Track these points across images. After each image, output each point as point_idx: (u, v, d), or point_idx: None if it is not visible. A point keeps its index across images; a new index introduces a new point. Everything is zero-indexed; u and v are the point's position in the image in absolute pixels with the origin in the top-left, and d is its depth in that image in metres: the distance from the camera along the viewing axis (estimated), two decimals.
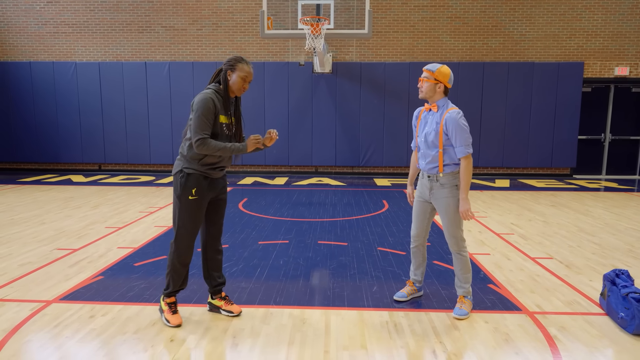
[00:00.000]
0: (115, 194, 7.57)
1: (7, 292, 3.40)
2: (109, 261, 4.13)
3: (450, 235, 3.05)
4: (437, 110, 3.00)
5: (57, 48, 10.20)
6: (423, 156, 3.07)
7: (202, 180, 2.79)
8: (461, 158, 2.93)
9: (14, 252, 4.39)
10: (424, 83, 2.99)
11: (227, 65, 2.80)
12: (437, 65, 2.97)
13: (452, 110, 2.96)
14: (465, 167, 2.92)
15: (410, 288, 3.30)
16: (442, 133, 2.94)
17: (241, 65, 2.79)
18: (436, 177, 3.01)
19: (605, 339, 2.74)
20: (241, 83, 2.80)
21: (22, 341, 2.67)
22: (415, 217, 3.21)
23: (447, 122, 2.92)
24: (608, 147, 10.24)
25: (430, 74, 2.96)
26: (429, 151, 3.02)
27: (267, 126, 9.99)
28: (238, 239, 4.91)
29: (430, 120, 3.03)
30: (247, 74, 2.80)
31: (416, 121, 3.16)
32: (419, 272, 3.29)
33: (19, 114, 10.20)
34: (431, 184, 3.04)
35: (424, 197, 3.13)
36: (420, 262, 3.28)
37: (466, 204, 2.93)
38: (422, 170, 3.11)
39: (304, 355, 2.54)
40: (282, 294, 3.41)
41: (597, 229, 5.45)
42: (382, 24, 9.85)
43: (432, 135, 2.99)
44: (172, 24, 10.03)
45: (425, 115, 3.09)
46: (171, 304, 2.92)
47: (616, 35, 9.77)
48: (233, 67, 2.79)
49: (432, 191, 3.05)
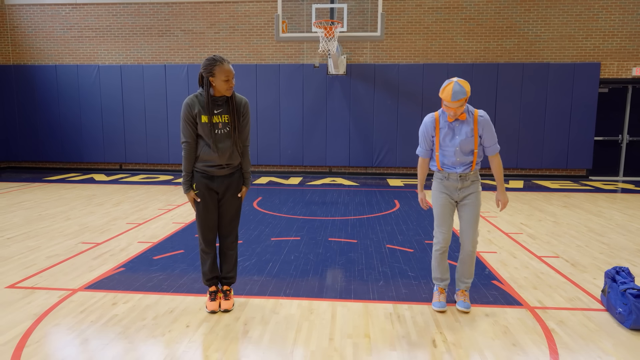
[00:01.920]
0: (135, 192, 7.87)
1: (36, 280, 3.66)
2: (130, 254, 4.36)
3: (475, 230, 3.08)
4: (465, 118, 3.00)
5: (81, 52, 10.60)
6: (457, 163, 3.04)
7: (200, 177, 3.01)
8: (494, 156, 3.08)
9: (42, 245, 4.66)
10: (459, 110, 2.92)
11: (205, 71, 2.83)
12: (461, 88, 2.84)
13: (479, 112, 3.02)
14: (499, 162, 3.09)
15: (444, 295, 3.21)
16: (476, 137, 3.01)
17: (219, 68, 2.80)
18: (468, 175, 3.06)
19: (602, 333, 2.83)
20: (225, 85, 2.84)
21: (51, 324, 2.90)
22: (445, 219, 3.12)
23: (482, 126, 3.00)
24: (626, 149, 10.13)
25: (464, 100, 2.88)
26: (465, 157, 3.03)
27: (283, 127, 10.21)
28: (252, 235, 5.10)
29: (461, 130, 3.00)
30: (227, 74, 2.82)
31: (433, 130, 3.08)
32: (447, 276, 3.21)
33: (45, 115, 10.64)
34: (462, 182, 3.07)
35: (453, 197, 3.11)
36: (447, 265, 3.22)
37: (506, 195, 3.13)
38: (452, 172, 3.06)
39: (310, 342, 2.70)
40: (291, 286, 3.58)
41: (607, 230, 5.47)
42: (396, 25, 9.95)
43: (467, 143, 3.00)
44: (191, 28, 10.32)
45: (450, 126, 3.03)
46: (210, 292, 3.16)
47: (634, 36, 9.67)
48: (211, 72, 2.81)
49: (461, 189, 3.08)
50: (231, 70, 2.85)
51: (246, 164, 3.12)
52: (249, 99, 10.15)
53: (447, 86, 2.89)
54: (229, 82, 2.85)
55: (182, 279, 3.73)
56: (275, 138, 10.27)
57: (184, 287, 3.54)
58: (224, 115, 2.95)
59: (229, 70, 2.83)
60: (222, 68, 2.81)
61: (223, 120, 2.96)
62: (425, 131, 3.12)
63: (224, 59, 2.85)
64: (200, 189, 3.02)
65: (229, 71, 2.83)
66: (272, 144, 10.30)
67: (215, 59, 2.83)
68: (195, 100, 2.92)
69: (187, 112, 2.91)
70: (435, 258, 3.20)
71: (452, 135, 3.03)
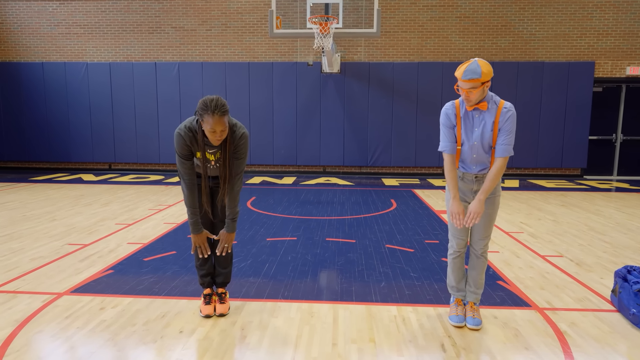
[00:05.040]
0: (125, 192, 7.64)
1: (19, 284, 3.45)
2: (119, 256, 4.17)
3: (487, 235, 2.79)
4: (486, 108, 2.62)
5: (69, 49, 10.33)
6: (475, 161, 2.69)
7: None
8: (500, 158, 2.61)
9: (26, 246, 4.45)
10: (471, 94, 2.56)
11: (198, 111, 2.54)
12: (476, 67, 2.51)
13: (505, 103, 2.63)
14: (501, 168, 2.62)
15: (462, 307, 2.90)
16: (496, 131, 2.62)
17: (206, 118, 2.48)
18: (485, 176, 2.70)
19: (616, 335, 2.71)
20: (211, 135, 2.53)
21: (34, 331, 2.71)
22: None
23: (506, 119, 2.59)
24: (619, 148, 10.13)
25: (477, 81, 2.51)
26: (484, 154, 2.67)
27: (276, 126, 10.04)
28: (246, 235, 4.93)
29: (482, 120, 2.64)
30: (213, 127, 2.48)
31: (454, 118, 2.70)
32: (462, 284, 2.92)
33: (32, 114, 10.34)
34: (478, 184, 2.72)
35: (467, 199, 2.78)
36: (463, 272, 2.93)
37: (482, 207, 2.62)
38: (467, 172, 2.73)
39: (312, 348, 2.54)
40: (290, 288, 3.42)
41: (608, 228, 5.39)
42: (391, 23, 9.85)
43: (488, 136, 2.63)
44: (182, 25, 10.11)
45: (471, 115, 2.67)
46: (205, 296, 2.99)
47: (628, 35, 9.67)
48: (201, 116, 2.52)
49: (477, 192, 2.73)
50: (219, 123, 2.48)
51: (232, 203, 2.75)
52: (241, 98, 9.98)
53: (465, 63, 2.56)
54: (216, 133, 2.52)
55: (175, 281, 3.55)
56: (268, 137, 10.09)
57: (176, 290, 3.36)
58: (217, 153, 2.74)
59: (216, 123, 2.47)
60: (208, 119, 2.47)
61: (217, 157, 2.76)
62: (446, 120, 2.71)
63: (216, 109, 2.45)
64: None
65: (216, 124, 2.47)
66: (265, 144, 10.13)
67: (205, 106, 2.48)
68: (189, 135, 2.63)
69: (182, 144, 2.63)
70: (450, 264, 2.91)
71: (471, 126, 2.67)
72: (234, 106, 9.96)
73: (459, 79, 2.55)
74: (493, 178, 2.62)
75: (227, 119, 2.54)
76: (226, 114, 2.52)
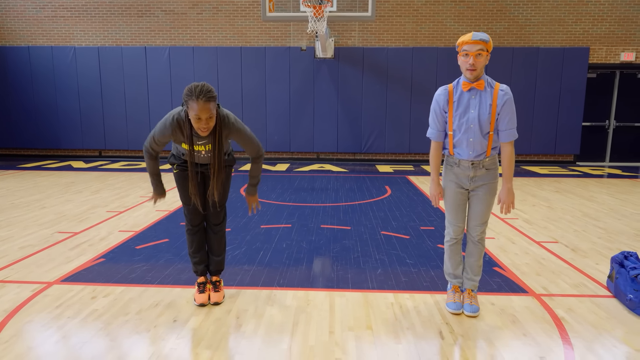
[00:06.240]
0: (116, 179, 7.53)
1: (7, 273, 3.37)
2: (110, 244, 4.09)
3: (484, 221, 2.73)
4: (483, 88, 2.55)
5: (55, 32, 10.06)
6: (471, 145, 2.60)
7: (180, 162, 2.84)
8: (507, 143, 2.59)
9: (15, 235, 4.35)
10: (478, 59, 2.46)
11: (184, 98, 2.43)
12: (482, 34, 2.48)
13: (501, 85, 2.57)
14: (512, 153, 2.61)
15: (459, 294, 2.86)
16: (494, 114, 2.55)
17: (191, 104, 2.38)
18: (482, 162, 2.64)
19: (613, 321, 2.71)
20: (197, 123, 2.42)
21: (23, 321, 2.64)
22: (456, 209, 2.76)
23: (504, 101, 2.53)
24: (612, 134, 10.15)
25: (485, 45, 2.44)
26: (481, 138, 2.58)
27: (269, 112, 9.91)
28: (240, 222, 4.87)
29: (478, 101, 2.56)
30: (198, 113, 2.36)
31: (446, 105, 2.62)
32: (459, 271, 2.87)
33: (18, 99, 10.10)
34: (475, 171, 2.65)
35: (463, 185, 2.71)
36: (460, 259, 2.87)
37: (512, 194, 2.66)
38: (463, 159, 2.65)
39: (308, 336, 2.51)
40: (285, 276, 3.37)
41: (602, 214, 5.40)
42: (385, 7, 9.69)
43: (484, 121, 2.55)
44: (172, 8, 9.87)
45: (466, 96, 2.57)
46: (199, 284, 2.93)
47: (623, 20, 9.62)
48: (186, 103, 2.41)
49: (473, 178, 2.67)
50: (204, 110, 2.36)
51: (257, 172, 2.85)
52: (233, 83, 9.82)
53: (467, 33, 2.54)
54: (201, 121, 2.39)
55: (168, 269, 3.49)
56: (261, 123, 9.97)
57: (169, 279, 3.30)
58: (208, 145, 2.64)
59: (201, 109, 2.35)
60: (193, 105, 2.36)
61: (207, 148, 2.66)
62: (436, 106, 2.65)
63: (201, 94, 2.34)
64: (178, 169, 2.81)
65: (201, 111, 2.35)
66: (258, 130, 10.00)
67: (190, 92, 2.37)
68: (174, 125, 2.54)
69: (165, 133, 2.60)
70: (447, 250, 2.85)
71: (468, 107, 2.57)
72: (226, 92, 9.81)
73: (467, 41, 2.48)
74: (508, 164, 2.64)
75: (213, 106, 2.42)
76: (212, 100, 2.40)
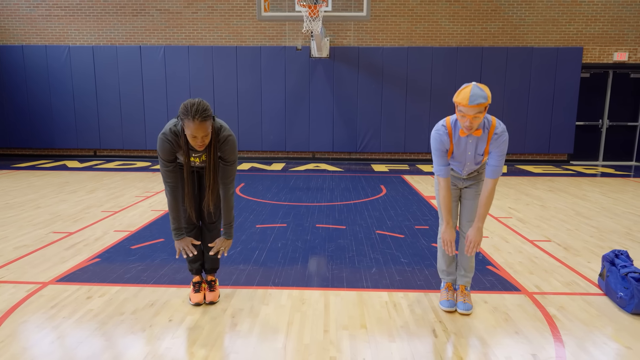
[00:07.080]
0: (111, 179, 7.51)
1: (2, 274, 3.37)
2: (106, 244, 4.09)
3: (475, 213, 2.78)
4: (480, 135, 2.56)
5: (49, 31, 10.02)
6: (465, 167, 2.72)
7: None
8: (491, 180, 2.59)
9: (9, 235, 4.34)
10: (477, 120, 2.44)
11: (179, 115, 2.44)
12: (481, 91, 2.41)
13: (497, 127, 2.55)
14: (492, 190, 2.60)
15: (453, 292, 2.90)
16: (488, 149, 2.60)
17: (187, 123, 2.39)
18: (472, 175, 2.79)
19: (604, 318, 2.75)
20: (193, 140, 2.43)
21: (18, 322, 2.64)
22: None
23: (498, 144, 2.54)
24: (605, 133, 10.23)
25: (484, 105, 2.40)
26: (474, 165, 2.70)
27: (264, 111, 9.92)
28: (236, 222, 4.87)
29: (475, 145, 2.61)
30: (193, 132, 2.38)
31: (449, 144, 2.63)
32: (452, 268, 2.92)
33: (12, 99, 10.05)
34: (468, 181, 2.81)
35: (457, 185, 2.83)
36: (453, 256, 2.90)
37: (481, 234, 2.65)
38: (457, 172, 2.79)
39: (303, 335, 2.53)
40: (280, 275, 3.39)
41: (594, 213, 5.46)
42: (380, 7, 9.72)
43: (480, 155, 2.63)
44: (167, 7, 9.85)
45: (464, 140, 2.61)
46: (194, 283, 2.94)
47: (616, 20, 9.69)
48: (182, 121, 2.42)
49: (466, 179, 2.80)
50: (200, 129, 2.38)
51: (227, 210, 2.69)
52: (228, 83, 9.81)
53: (464, 89, 2.43)
54: (197, 139, 2.42)
55: (163, 269, 3.50)
56: (256, 123, 9.97)
57: (165, 278, 3.31)
58: (203, 156, 2.65)
59: (196, 129, 2.37)
60: (189, 124, 2.38)
61: (202, 159, 2.67)
62: (440, 146, 2.62)
63: (197, 115, 2.34)
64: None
65: (196, 130, 2.37)
66: (253, 129, 10.01)
67: (186, 110, 2.37)
68: (175, 138, 2.53)
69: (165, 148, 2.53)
70: (440, 247, 2.90)
71: (464, 150, 2.64)
72: (221, 91, 9.81)
73: (464, 105, 2.40)
74: (485, 202, 2.62)
75: (209, 124, 2.43)
76: (208, 119, 2.41)
